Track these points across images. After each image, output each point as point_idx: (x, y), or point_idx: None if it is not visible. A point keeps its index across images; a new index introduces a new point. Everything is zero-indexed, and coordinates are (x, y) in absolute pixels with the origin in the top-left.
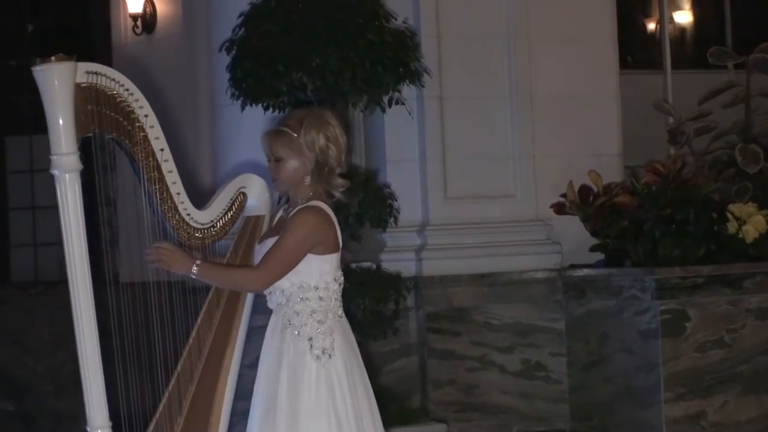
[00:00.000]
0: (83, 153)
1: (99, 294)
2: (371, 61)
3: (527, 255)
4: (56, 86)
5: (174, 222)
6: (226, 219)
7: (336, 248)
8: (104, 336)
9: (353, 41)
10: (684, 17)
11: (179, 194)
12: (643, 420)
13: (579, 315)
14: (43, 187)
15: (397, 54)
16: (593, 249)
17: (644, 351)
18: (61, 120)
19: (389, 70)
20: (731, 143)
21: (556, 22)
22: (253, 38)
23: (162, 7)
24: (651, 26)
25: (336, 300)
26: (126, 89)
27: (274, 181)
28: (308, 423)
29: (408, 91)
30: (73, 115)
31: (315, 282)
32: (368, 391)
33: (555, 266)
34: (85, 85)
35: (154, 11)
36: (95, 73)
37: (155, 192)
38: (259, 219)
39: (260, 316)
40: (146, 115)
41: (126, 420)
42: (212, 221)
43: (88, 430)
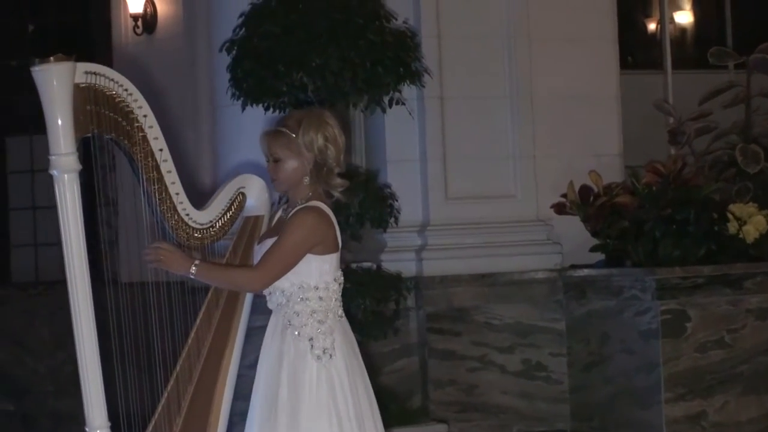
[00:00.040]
0: (83, 153)
1: (99, 294)
2: (372, 62)
3: (528, 255)
4: (55, 86)
5: (173, 222)
6: (225, 219)
7: (335, 248)
8: (103, 336)
9: (354, 41)
10: (684, 17)
11: (178, 194)
12: (644, 420)
13: (579, 315)
14: (44, 188)
15: (398, 54)
16: (594, 249)
17: (645, 351)
18: (60, 120)
19: (390, 71)
20: (732, 143)
21: (557, 23)
22: (254, 38)
23: (162, 8)
24: (651, 26)
25: (336, 300)
26: (125, 89)
27: (273, 182)
28: (309, 423)
29: (408, 92)
30: (72, 116)
31: (315, 282)
32: (369, 391)
33: (555, 266)
34: (84, 86)
35: (155, 11)
36: (94, 74)
37: (154, 192)
38: (258, 219)
39: (260, 317)
40: (145, 116)
41: (125, 420)
42: (211, 221)
43: (87, 431)
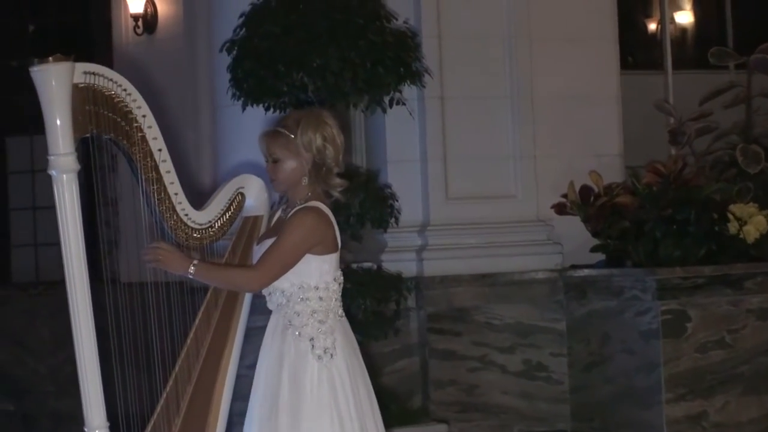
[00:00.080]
0: (84, 153)
1: (99, 294)
2: (372, 62)
3: (528, 255)
4: (54, 87)
5: (172, 222)
6: (225, 219)
7: (335, 248)
8: (103, 336)
9: (354, 41)
10: (685, 17)
11: (177, 194)
12: (644, 420)
13: (580, 315)
14: (44, 188)
15: (398, 54)
16: (594, 249)
17: (645, 351)
18: (59, 120)
19: (390, 71)
20: (732, 144)
21: (557, 23)
22: (254, 38)
23: (163, 8)
24: (652, 26)
25: (336, 300)
26: (124, 89)
27: (272, 182)
28: (310, 423)
29: (409, 92)
30: (71, 116)
31: (315, 282)
32: (369, 391)
33: (556, 266)
34: (83, 86)
35: (155, 11)
36: (93, 74)
37: (153, 192)
38: (258, 219)
39: (260, 317)
40: (144, 116)
41: (124, 420)
42: (210, 221)
43: (86, 431)
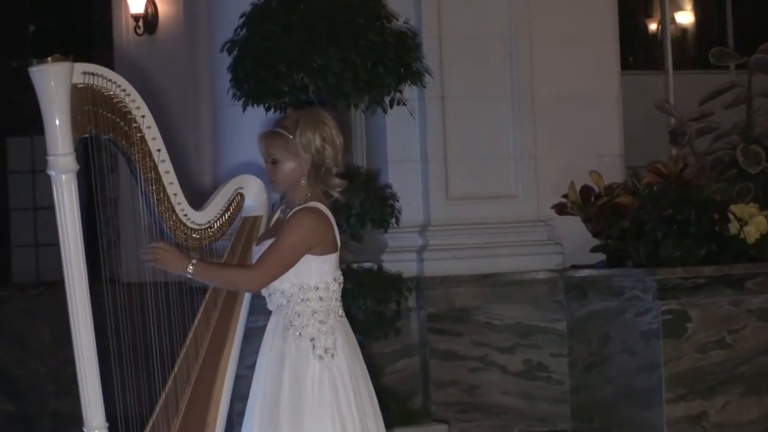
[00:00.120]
0: (86, 154)
1: (100, 294)
2: (373, 62)
3: (528, 255)
4: (52, 87)
5: (171, 223)
6: (224, 220)
7: (334, 248)
8: (103, 336)
9: (355, 42)
10: (685, 18)
11: (176, 195)
12: (645, 420)
13: (580, 315)
14: (45, 188)
15: (399, 54)
16: (594, 249)
17: (646, 351)
18: (58, 121)
19: (391, 71)
20: (733, 144)
21: (558, 23)
22: (255, 39)
23: (163, 8)
24: (652, 27)
25: (336, 300)
26: (123, 90)
27: (271, 183)
28: (312, 423)
29: (409, 92)
30: (70, 116)
31: (315, 282)
32: (370, 391)
33: (556, 267)
34: (82, 86)
35: (156, 12)
36: (92, 74)
37: (152, 192)
38: (257, 219)
39: (260, 317)
40: (143, 116)
41: (123, 421)
42: (209, 222)
43: (85, 431)
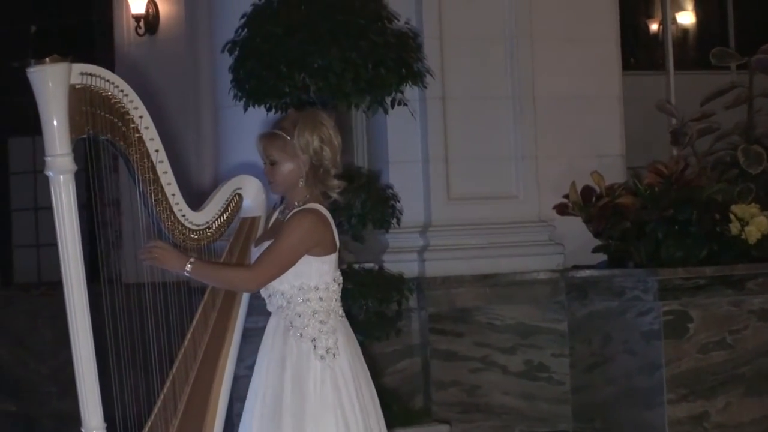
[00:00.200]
0: (87, 154)
1: (99, 295)
2: (374, 62)
3: (530, 256)
4: (50, 87)
5: (169, 223)
6: (222, 220)
7: (334, 249)
8: (101, 337)
9: (356, 42)
10: (687, 18)
11: (174, 195)
12: (646, 421)
13: (581, 316)
14: (46, 188)
15: (400, 55)
16: (596, 250)
17: (647, 352)
18: (56, 121)
19: (392, 71)
20: (734, 144)
21: (559, 23)
22: (256, 39)
23: (164, 8)
24: (654, 27)
25: (336, 300)
26: (121, 90)
27: (270, 184)
28: (315, 423)
29: (410, 92)
30: (67, 117)
31: (315, 283)
32: (372, 391)
33: (557, 267)
34: (80, 87)
35: (157, 12)
36: (89, 75)
37: (150, 193)
38: (255, 220)
39: (261, 318)
40: (141, 116)
41: (121, 421)
42: (208, 222)
43: (83, 431)
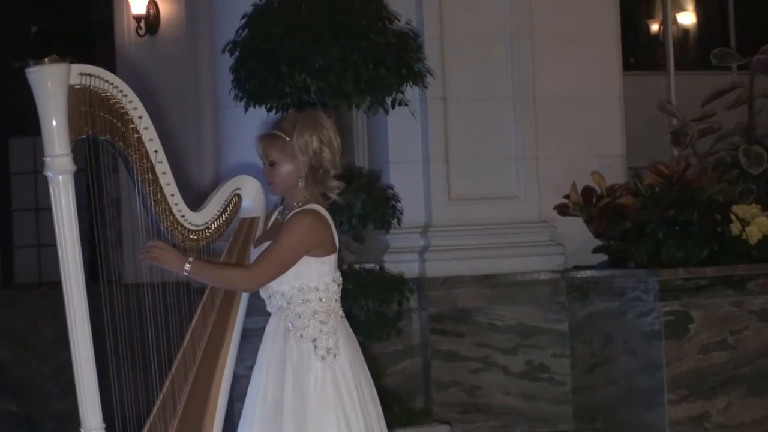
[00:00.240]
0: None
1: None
2: (374, 63)
3: (530, 256)
4: (49, 88)
5: (168, 224)
6: (221, 221)
7: (333, 250)
8: (100, 337)
9: (356, 42)
10: (687, 18)
11: (173, 196)
12: (647, 421)
13: (582, 316)
14: (46, 189)
15: (401, 55)
16: (596, 250)
17: (647, 352)
18: (55, 122)
19: (392, 72)
20: (735, 144)
21: (560, 23)
22: (257, 39)
23: (165, 9)
24: (654, 27)
25: (336, 301)
26: (120, 91)
27: (269, 185)
28: (316, 423)
29: (411, 93)
30: (67, 117)
31: (315, 284)
32: (372, 391)
33: (558, 267)
34: (79, 87)
35: (158, 12)
36: (89, 75)
37: (149, 193)
38: (254, 220)
39: (261, 318)
40: (140, 117)
41: (120, 422)
42: (207, 223)
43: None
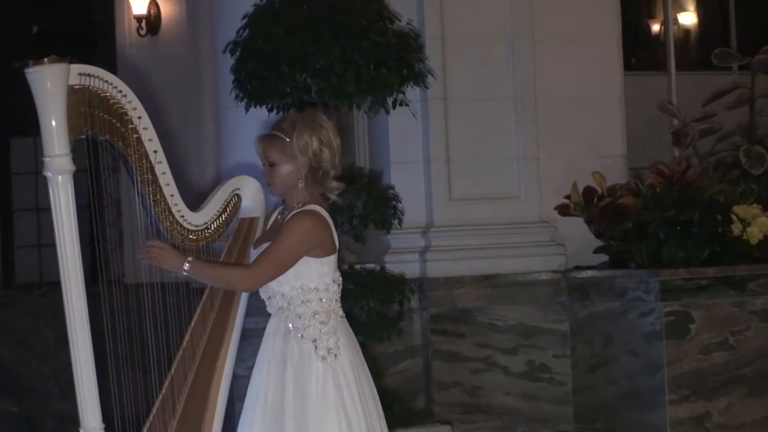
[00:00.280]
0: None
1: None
2: (375, 63)
3: (531, 256)
4: (49, 88)
5: (167, 224)
6: (221, 221)
7: (333, 250)
8: (101, 337)
9: (357, 43)
10: (688, 18)
11: (173, 196)
12: (648, 422)
13: (583, 316)
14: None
15: (402, 55)
16: (597, 251)
17: (648, 353)
18: (54, 122)
19: (393, 72)
20: (736, 145)
21: (560, 24)
22: (258, 40)
23: (166, 9)
24: (655, 27)
25: (336, 301)
26: (119, 91)
27: (269, 186)
28: (317, 423)
29: (412, 93)
30: (66, 117)
31: (315, 284)
32: (373, 391)
33: (559, 268)
34: (78, 87)
35: (159, 13)
36: (88, 75)
37: (148, 194)
38: (254, 221)
39: (261, 318)
40: (140, 117)
41: (119, 422)
42: (206, 223)
43: None
